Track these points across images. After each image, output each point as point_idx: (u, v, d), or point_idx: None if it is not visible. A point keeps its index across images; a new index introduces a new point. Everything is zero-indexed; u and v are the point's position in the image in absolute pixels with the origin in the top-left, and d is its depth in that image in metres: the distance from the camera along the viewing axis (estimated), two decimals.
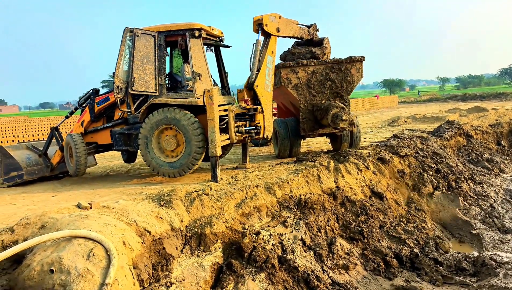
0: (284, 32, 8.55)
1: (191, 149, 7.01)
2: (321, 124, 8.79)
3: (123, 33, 7.11)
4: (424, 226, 7.22)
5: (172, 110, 7.06)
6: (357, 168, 7.56)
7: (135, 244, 4.11)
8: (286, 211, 6.16)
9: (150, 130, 7.13)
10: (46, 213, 4.28)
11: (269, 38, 8.27)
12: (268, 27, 8.15)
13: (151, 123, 7.11)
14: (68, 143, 7.98)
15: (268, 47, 8.21)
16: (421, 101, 37.74)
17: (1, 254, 3.41)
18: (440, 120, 14.63)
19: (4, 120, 41.20)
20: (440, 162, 8.97)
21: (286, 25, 8.59)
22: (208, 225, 5.16)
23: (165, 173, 7.20)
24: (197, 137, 6.96)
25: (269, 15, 8.18)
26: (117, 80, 7.14)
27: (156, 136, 7.19)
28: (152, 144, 7.17)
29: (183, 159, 7.10)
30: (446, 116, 15.81)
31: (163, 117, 7.05)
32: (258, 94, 7.91)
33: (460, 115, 16.01)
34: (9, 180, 8.18)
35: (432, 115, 16.79)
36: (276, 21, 8.30)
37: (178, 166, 7.12)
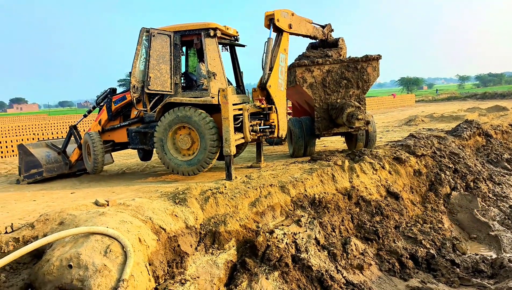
0: (297, 30, 8.41)
1: (206, 147, 7.07)
2: (336, 123, 8.74)
3: (140, 33, 7.21)
4: (441, 227, 7.12)
5: (188, 109, 7.13)
6: (372, 167, 7.50)
7: (151, 241, 4.18)
8: (300, 210, 6.16)
9: (165, 130, 7.21)
10: (65, 210, 4.39)
11: (281, 35, 8.15)
12: (280, 23, 8.02)
13: (166, 122, 7.19)
14: (86, 141, 8.14)
15: (280, 45, 8.10)
16: (439, 100, 37.11)
17: (22, 249, 3.51)
18: (459, 119, 14.37)
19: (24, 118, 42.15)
20: (458, 162, 8.82)
21: (299, 23, 8.45)
22: (222, 224, 5.20)
23: (184, 172, 7.28)
24: (212, 137, 7.02)
25: (281, 11, 8.06)
26: (133, 79, 7.25)
27: (171, 136, 7.27)
28: (168, 145, 7.25)
29: (199, 156, 7.17)
30: (465, 115, 15.52)
31: (178, 116, 7.13)
32: (271, 94, 7.86)
33: (479, 114, 15.70)
34: (29, 177, 8.39)
35: (451, 114, 16.49)
36: (289, 17, 8.17)
37: (193, 164, 7.19)
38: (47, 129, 24.97)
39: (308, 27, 8.73)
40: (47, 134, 17.14)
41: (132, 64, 7.25)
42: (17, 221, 4.84)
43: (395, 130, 14.09)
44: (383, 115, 22.54)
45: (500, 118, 13.95)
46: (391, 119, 18.83)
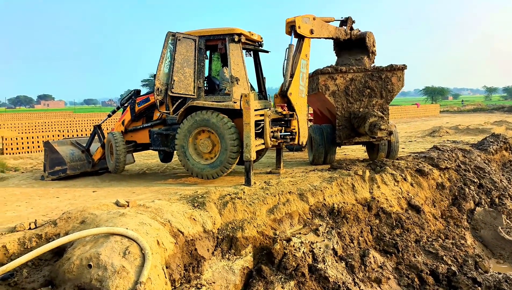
0: (319, 34, 8.29)
1: (226, 151, 7.09)
2: (357, 132, 8.63)
3: (166, 37, 7.31)
4: (464, 243, 6.93)
5: (209, 113, 7.17)
6: (394, 179, 7.37)
7: (168, 244, 4.20)
8: (318, 219, 6.10)
9: (186, 133, 7.26)
10: (87, 209, 4.47)
11: (303, 41, 8.07)
12: (301, 29, 7.95)
13: (187, 125, 7.25)
14: (110, 141, 8.29)
15: (302, 51, 8.03)
16: (464, 111, 36.26)
17: (44, 246, 3.59)
18: (485, 133, 13.99)
19: (51, 114, 43.33)
20: (483, 177, 8.58)
21: (321, 26, 8.33)
22: (240, 229, 5.20)
23: (200, 175, 7.32)
24: (233, 142, 7.03)
25: (302, 17, 7.99)
26: (158, 82, 7.35)
27: (192, 140, 7.33)
28: (189, 146, 7.31)
29: (218, 161, 7.19)
30: (491, 128, 15.10)
31: (200, 119, 7.19)
32: (292, 101, 7.80)
33: (506, 128, 15.25)
34: (53, 174, 8.60)
35: (477, 126, 16.06)
36: (310, 23, 8.07)
37: (213, 168, 7.22)
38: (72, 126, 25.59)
39: (330, 29, 8.57)
40: (71, 131, 17.56)
41: (157, 67, 7.36)
42: (40, 218, 4.97)
43: (418, 140, 13.82)
44: (406, 124, 22.16)
45: None
46: (414, 129, 18.49)
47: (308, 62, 8.17)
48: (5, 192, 7.36)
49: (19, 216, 5.42)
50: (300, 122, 7.86)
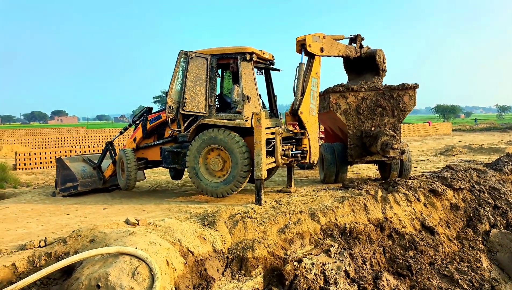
0: (329, 52, 8.30)
1: (237, 170, 7.07)
2: (369, 151, 8.55)
3: (178, 56, 7.40)
4: (479, 266, 6.73)
5: (220, 131, 7.18)
6: (406, 199, 7.25)
7: (178, 264, 4.15)
8: (329, 240, 5.99)
9: (197, 150, 7.27)
10: (97, 227, 4.46)
11: (313, 59, 8.06)
12: (312, 48, 7.96)
13: (198, 143, 7.26)
14: (121, 158, 8.33)
15: (312, 69, 8.01)
16: (477, 129, 35.84)
17: (53, 265, 3.57)
18: (499, 152, 13.75)
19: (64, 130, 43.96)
20: (499, 198, 8.39)
21: (331, 44, 8.33)
22: (250, 249, 5.13)
23: (211, 193, 7.30)
24: (244, 160, 7.01)
25: (312, 35, 7.99)
26: (170, 100, 7.41)
27: (203, 156, 7.33)
28: (199, 164, 7.31)
29: (228, 179, 7.16)
30: (505, 148, 14.84)
31: (211, 137, 7.20)
32: (303, 120, 7.76)
33: None
34: (64, 191, 8.64)
35: (490, 146, 15.80)
36: (320, 41, 8.08)
37: (224, 186, 7.19)
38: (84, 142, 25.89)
39: (340, 47, 8.56)
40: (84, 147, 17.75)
41: (169, 85, 7.44)
42: (50, 235, 4.96)
43: (431, 159, 13.63)
44: (417, 143, 21.93)
45: None
46: (426, 148, 18.28)
47: (319, 80, 8.15)
48: (17, 208, 7.41)
49: (29, 233, 5.43)
50: (311, 141, 7.81)
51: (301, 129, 7.79)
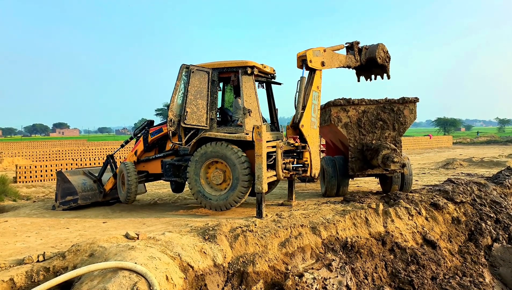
0: (330, 65, 8.26)
1: (238, 183, 7.05)
2: (370, 164, 8.54)
3: (180, 69, 7.45)
4: (482, 281, 6.66)
5: (222, 144, 7.19)
6: (408, 213, 7.21)
7: (178, 279, 4.11)
8: (331, 254, 5.94)
9: (198, 164, 7.27)
10: (96, 241, 4.43)
11: (314, 73, 8.07)
12: (313, 63, 7.97)
13: (199, 156, 7.26)
14: (122, 171, 8.32)
15: (313, 83, 8.00)
16: (478, 142, 35.80)
17: (51, 281, 3.54)
18: (500, 166, 13.72)
19: (65, 142, 44.02)
20: (500, 212, 8.33)
21: (332, 57, 8.30)
22: (251, 264, 5.08)
23: (212, 206, 7.27)
24: (244, 173, 7.00)
25: (313, 50, 8.01)
26: (171, 113, 7.43)
27: (204, 171, 7.32)
28: (200, 177, 7.29)
29: (229, 193, 7.14)
30: (506, 161, 14.80)
31: (212, 151, 7.20)
32: (304, 133, 7.77)
33: None
34: (64, 204, 8.61)
35: (491, 159, 15.77)
36: (321, 55, 8.05)
37: (225, 200, 7.17)
38: (86, 154, 25.89)
39: (340, 58, 8.49)
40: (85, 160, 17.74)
41: (170, 98, 7.47)
42: (49, 249, 4.93)
43: (432, 173, 13.59)
44: (419, 156, 21.90)
45: None
46: (427, 161, 18.25)
47: (320, 94, 8.17)
48: (16, 222, 7.38)
49: (28, 247, 5.39)
50: (312, 154, 7.81)
51: (302, 143, 7.80)
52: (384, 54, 8.67)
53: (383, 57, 8.66)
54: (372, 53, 8.62)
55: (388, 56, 8.75)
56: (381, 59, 8.63)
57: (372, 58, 8.61)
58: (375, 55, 8.56)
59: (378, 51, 8.57)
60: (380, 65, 8.70)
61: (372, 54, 8.61)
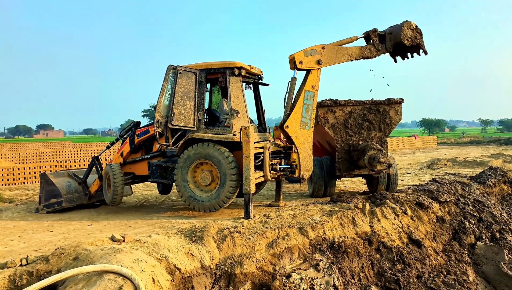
0: (333, 61, 7.84)
1: (225, 184, 7.03)
2: (357, 164, 8.61)
3: (167, 70, 7.41)
4: (466, 279, 6.77)
5: (209, 145, 7.16)
6: (394, 212, 7.29)
7: (164, 282, 4.08)
8: (318, 254, 5.97)
9: (185, 165, 7.23)
10: (81, 244, 4.36)
11: (309, 73, 7.85)
12: (304, 64, 7.68)
13: (187, 158, 7.23)
14: (107, 173, 8.22)
15: (307, 82, 7.78)
16: (461, 143, 36.41)
17: (34, 285, 3.47)
18: (483, 165, 13.99)
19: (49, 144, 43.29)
20: (483, 211, 8.50)
21: (336, 53, 7.84)
22: (239, 265, 5.08)
23: (199, 207, 7.23)
24: (232, 174, 6.98)
25: (304, 51, 7.77)
26: (158, 114, 7.38)
27: (191, 172, 7.29)
28: (188, 178, 7.26)
29: (217, 194, 7.12)
30: (489, 161, 15.10)
31: (199, 152, 7.17)
32: (289, 134, 7.68)
33: (504, 161, 15.24)
34: (48, 206, 8.46)
35: (474, 159, 16.07)
36: (317, 53, 7.74)
37: (212, 201, 7.14)
38: (70, 156, 25.51)
39: (351, 51, 7.93)
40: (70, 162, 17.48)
41: (157, 99, 7.42)
42: (32, 253, 4.84)
43: (417, 173, 13.78)
44: (404, 156, 22.18)
45: None
46: (413, 161, 18.49)
47: (316, 93, 7.86)
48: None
49: (11, 251, 5.29)
50: (301, 155, 7.67)
51: (289, 144, 7.81)
52: (413, 32, 7.89)
53: (412, 37, 7.91)
54: (397, 37, 7.91)
55: (419, 32, 7.93)
56: (410, 40, 7.91)
57: (399, 42, 7.92)
58: (401, 38, 7.85)
59: (403, 33, 7.83)
60: (408, 47, 8.02)
61: (398, 38, 7.92)
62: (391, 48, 8.11)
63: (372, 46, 8.02)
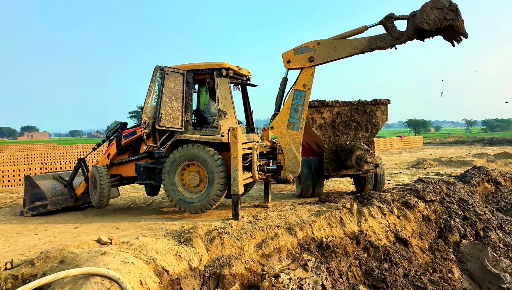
0: (328, 57, 7.42)
1: (214, 185, 7.01)
2: (345, 165, 8.68)
3: (154, 71, 7.36)
4: (451, 276, 6.88)
5: (197, 146, 7.14)
6: (381, 212, 7.37)
7: (152, 284, 4.06)
8: (307, 254, 6.00)
9: (173, 166, 7.19)
10: (66, 248, 4.31)
11: (301, 71, 7.65)
12: (292, 63, 7.49)
13: (175, 159, 7.19)
14: (94, 175, 8.13)
15: (297, 81, 7.57)
16: (446, 143, 36.98)
17: (19, 288, 3.41)
18: (467, 165, 14.24)
19: (34, 146, 42.59)
20: (467, 209, 8.65)
21: (335, 47, 7.37)
22: (227, 266, 5.07)
23: (187, 209, 7.20)
24: (220, 175, 6.97)
25: (294, 49, 7.52)
26: (145, 115, 7.33)
27: (179, 173, 7.25)
28: (176, 180, 7.21)
29: (205, 195, 7.09)
30: (473, 160, 15.38)
31: (187, 153, 7.14)
32: (275, 134, 7.61)
33: (487, 161, 15.54)
34: (33, 209, 8.32)
35: (459, 159, 16.35)
36: (309, 51, 7.41)
37: (200, 202, 7.11)
38: (56, 158, 25.14)
39: (355, 44, 7.26)
40: (55, 164, 17.22)
41: (144, 100, 7.37)
42: (17, 257, 4.76)
43: (403, 172, 13.95)
44: (391, 156, 22.43)
45: (508, 165, 13.78)
46: (399, 161, 18.71)
47: (308, 92, 7.56)
48: None
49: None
50: (286, 157, 7.55)
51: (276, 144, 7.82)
52: (438, 13, 6.58)
53: (437, 19, 6.63)
54: (415, 22, 6.83)
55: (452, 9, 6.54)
56: (433, 23, 6.65)
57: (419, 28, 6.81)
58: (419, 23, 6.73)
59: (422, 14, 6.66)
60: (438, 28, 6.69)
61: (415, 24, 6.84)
62: (413, 34, 6.94)
63: (387, 35, 7.07)
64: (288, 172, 7.56)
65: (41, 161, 23.93)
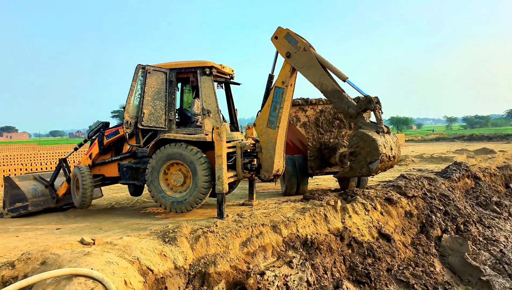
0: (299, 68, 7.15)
1: (198, 184, 6.98)
2: (329, 162, 8.77)
3: (135, 70, 7.29)
4: (433, 270, 7.03)
5: (180, 145, 7.10)
6: (364, 208, 7.47)
7: (137, 284, 4.03)
8: (292, 251, 6.04)
9: (157, 166, 7.13)
10: (48, 249, 4.24)
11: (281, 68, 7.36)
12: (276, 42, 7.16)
13: (158, 158, 7.13)
14: (75, 175, 8.01)
15: (277, 78, 7.36)
16: (428, 140, 37.66)
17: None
18: (448, 161, 14.53)
19: (13, 147, 41.66)
20: (448, 204, 8.84)
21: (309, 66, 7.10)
22: (213, 264, 5.07)
23: (172, 208, 7.15)
24: (205, 174, 6.93)
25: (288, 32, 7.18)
26: (127, 115, 7.25)
27: (163, 173, 7.19)
28: (160, 179, 7.15)
29: (189, 194, 7.05)
30: (453, 157, 15.70)
31: (171, 152, 7.08)
32: (256, 132, 7.56)
33: (467, 156, 15.90)
34: (13, 211, 8.15)
35: (440, 155, 16.68)
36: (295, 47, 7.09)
37: (185, 202, 7.07)
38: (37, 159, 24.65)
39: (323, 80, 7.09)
40: (36, 165, 16.88)
41: (126, 100, 7.29)
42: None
43: None
44: None
45: (488, 161, 14.14)
46: None
47: (288, 90, 7.24)
48: None
49: None
50: (264, 155, 7.42)
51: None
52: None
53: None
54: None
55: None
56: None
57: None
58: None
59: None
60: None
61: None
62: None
63: (351, 106, 7.15)
64: (264, 171, 7.51)
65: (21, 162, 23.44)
